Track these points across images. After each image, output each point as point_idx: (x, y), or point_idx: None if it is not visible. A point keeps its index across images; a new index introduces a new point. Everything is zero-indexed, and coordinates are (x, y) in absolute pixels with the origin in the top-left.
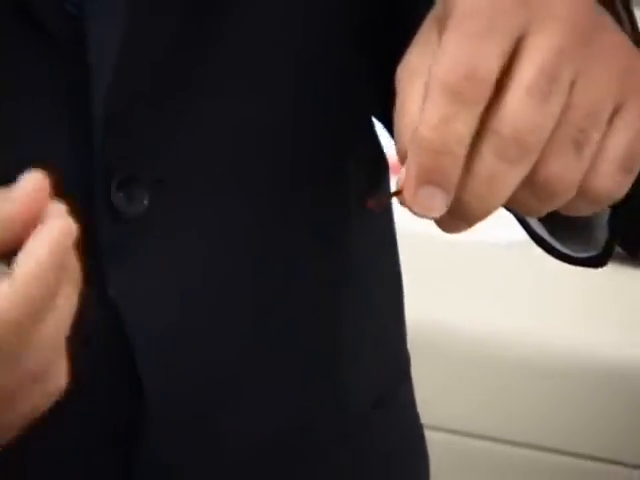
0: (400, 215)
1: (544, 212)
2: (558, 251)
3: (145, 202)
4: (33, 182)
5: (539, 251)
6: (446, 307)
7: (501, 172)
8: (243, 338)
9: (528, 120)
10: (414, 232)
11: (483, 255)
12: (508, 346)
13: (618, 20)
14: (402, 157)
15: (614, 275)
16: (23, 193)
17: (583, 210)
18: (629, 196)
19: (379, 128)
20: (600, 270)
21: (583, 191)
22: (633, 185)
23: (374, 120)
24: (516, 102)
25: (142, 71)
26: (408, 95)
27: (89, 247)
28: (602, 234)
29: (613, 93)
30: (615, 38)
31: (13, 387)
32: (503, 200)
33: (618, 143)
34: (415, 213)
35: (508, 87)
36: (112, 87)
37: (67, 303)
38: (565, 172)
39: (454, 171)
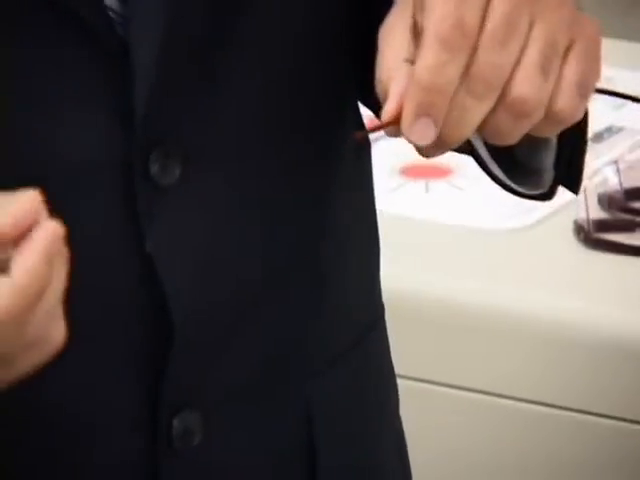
0: (407, 203)
1: (518, 136)
2: (512, 188)
3: (177, 173)
4: (28, 201)
5: (531, 238)
6: (446, 282)
7: (471, 105)
8: (253, 277)
9: (490, 62)
10: (420, 218)
11: (483, 240)
12: (503, 315)
13: None
14: (383, 94)
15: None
16: (19, 211)
17: (547, 131)
18: (566, 143)
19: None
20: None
21: (548, 113)
22: (569, 133)
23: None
24: (481, 49)
25: (179, 65)
26: (387, 43)
27: (129, 212)
28: (549, 176)
29: (565, 32)
30: None
31: (13, 354)
32: (473, 127)
33: (573, 71)
34: (410, 141)
35: (484, 32)
36: (153, 82)
37: (59, 282)
38: (535, 92)
39: (445, 106)
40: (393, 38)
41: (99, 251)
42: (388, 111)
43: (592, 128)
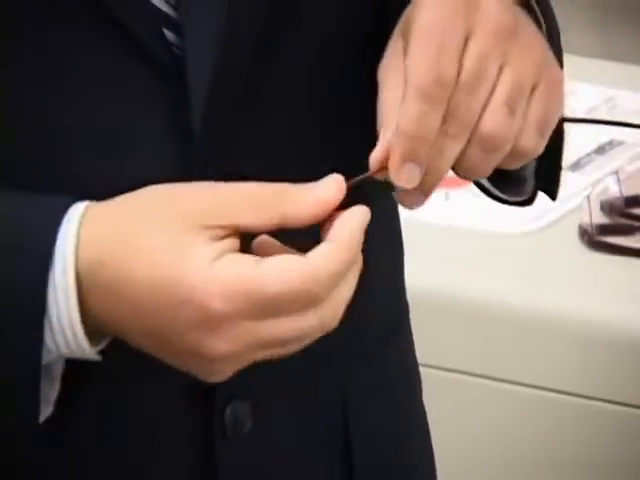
0: (429, 210)
1: (489, 170)
2: (497, 196)
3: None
4: (330, 189)
5: (541, 241)
6: (468, 280)
7: (447, 145)
8: None
9: (463, 106)
10: (436, 223)
11: (498, 243)
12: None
13: (537, 23)
14: (381, 132)
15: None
16: (318, 198)
17: (512, 165)
18: (546, 157)
19: None
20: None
21: (514, 149)
22: (548, 148)
23: None
24: (455, 95)
25: (233, 85)
26: (385, 86)
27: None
28: (530, 185)
29: (531, 75)
30: (533, 35)
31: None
32: (449, 165)
33: (536, 111)
34: (398, 184)
35: (460, 77)
36: (208, 101)
37: (318, 326)
38: (503, 128)
39: (427, 150)
40: (389, 81)
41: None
42: (375, 159)
43: (597, 142)
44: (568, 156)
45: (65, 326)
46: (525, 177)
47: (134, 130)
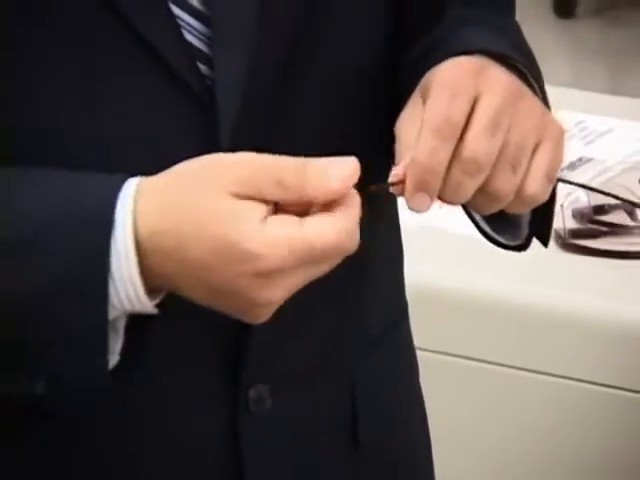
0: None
1: (493, 210)
2: (495, 239)
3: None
4: (348, 170)
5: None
6: (466, 276)
7: (464, 182)
8: (317, 280)
9: (482, 148)
10: (436, 227)
11: (485, 245)
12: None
13: (533, 91)
14: (397, 165)
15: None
16: (339, 180)
17: (519, 209)
18: (539, 209)
19: None
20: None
21: (519, 196)
22: (542, 205)
23: None
24: (475, 137)
25: (257, 109)
26: (404, 133)
27: None
28: (525, 231)
29: (534, 134)
30: (533, 100)
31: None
32: (466, 199)
33: (541, 163)
34: (411, 209)
35: (469, 128)
36: (236, 123)
37: (317, 272)
38: (505, 185)
39: (437, 183)
40: (408, 129)
41: None
42: (394, 174)
43: (568, 159)
44: None
45: (127, 283)
46: (520, 224)
47: (168, 147)
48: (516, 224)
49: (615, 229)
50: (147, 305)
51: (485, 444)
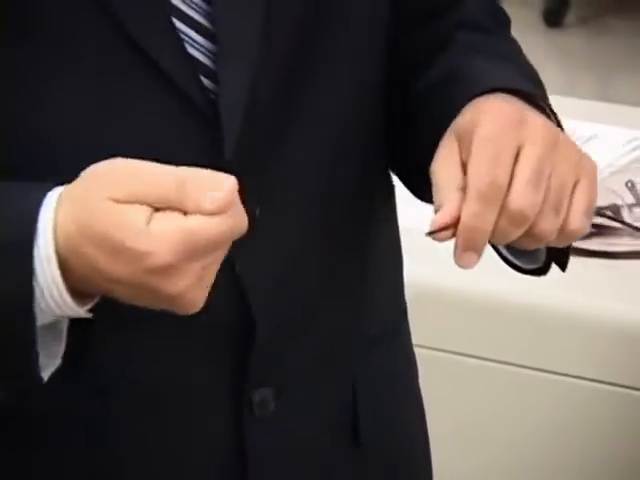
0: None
1: (536, 247)
2: (513, 263)
3: (256, 212)
4: (224, 193)
5: None
6: (463, 277)
7: (511, 231)
8: (316, 290)
9: (527, 201)
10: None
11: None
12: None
13: (546, 115)
14: (437, 209)
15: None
16: (214, 202)
17: (561, 244)
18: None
19: None
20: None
21: (562, 233)
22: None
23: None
24: (520, 191)
25: (260, 122)
26: (441, 177)
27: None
28: (543, 254)
29: (572, 175)
30: (567, 142)
31: (143, 288)
32: (508, 242)
33: (581, 201)
34: (459, 265)
35: (513, 181)
36: (239, 135)
37: (221, 254)
38: (549, 226)
39: (485, 242)
40: (446, 173)
41: None
42: (436, 221)
43: None
44: None
45: (52, 288)
46: (539, 248)
47: (172, 160)
48: (535, 251)
49: (601, 230)
50: (76, 309)
51: (487, 442)
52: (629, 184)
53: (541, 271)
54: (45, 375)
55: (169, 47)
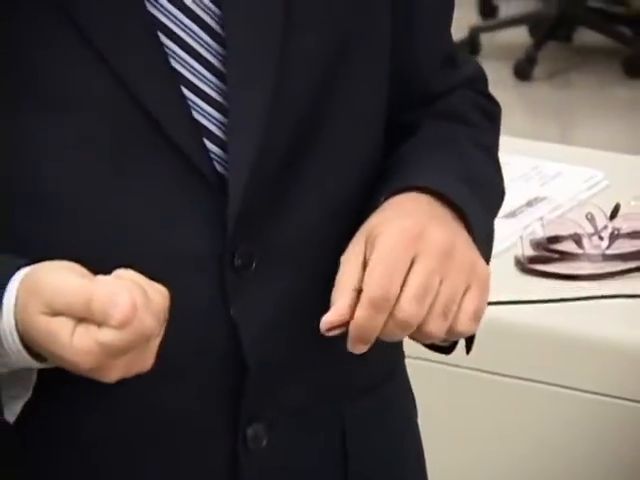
0: None
1: (428, 342)
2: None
3: (254, 265)
4: (121, 314)
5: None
6: None
7: (397, 334)
8: (308, 337)
9: (412, 311)
10: None
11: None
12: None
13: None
14: (332, 304)
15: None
16: (116, 322)
17: (452, 338)
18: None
19: None
20: None
21: (450, 333)
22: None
23: None
24: (406, 302)
25: (266, 190)
26: (344, 272)
27: (221, 288)
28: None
29: (463, 282)
30: (464, 252)
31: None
32: (399, 339)
33: (469, 306)
34: (350, 350)
35: (403, 291)
36: (243, 203)
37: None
38: (436, 329)
39: (373, 338)
40: (349, 271)
41: (198, 315)
42: (326, 321)
43: (526, 197)
44: (506, 207)
45: (15, 352)
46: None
47: (176, 221)
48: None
49: (565, 256)
50: (35, 364)
51: (487, 449)
52: (589, 216)
53: (446, 350)
54: (14, 409)
55: (180, 116)
